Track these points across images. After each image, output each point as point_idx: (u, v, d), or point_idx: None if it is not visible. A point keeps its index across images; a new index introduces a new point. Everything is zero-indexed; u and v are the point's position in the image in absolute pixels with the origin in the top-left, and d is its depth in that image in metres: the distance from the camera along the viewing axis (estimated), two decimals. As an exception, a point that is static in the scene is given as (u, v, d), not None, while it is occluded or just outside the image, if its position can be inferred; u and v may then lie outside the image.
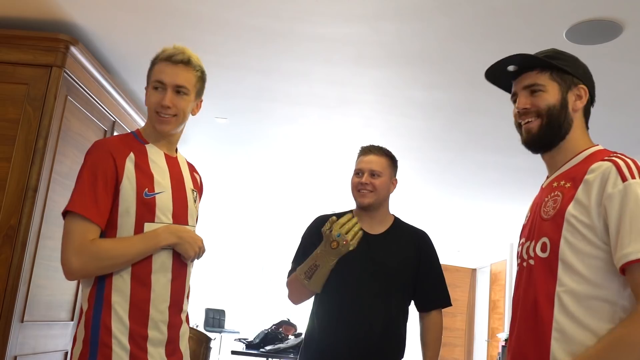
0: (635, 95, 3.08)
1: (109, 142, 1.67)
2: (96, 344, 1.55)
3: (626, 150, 3.91)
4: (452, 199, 6.03)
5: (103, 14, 2.72)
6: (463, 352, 9.69)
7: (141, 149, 1.70)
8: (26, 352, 2.56)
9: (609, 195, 1.26)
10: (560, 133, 1.44)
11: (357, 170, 2.24)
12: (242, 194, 6.86)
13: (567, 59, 1.49)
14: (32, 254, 2.54)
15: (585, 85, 1.47)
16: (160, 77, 1.69)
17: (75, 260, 1.54)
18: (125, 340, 1.56)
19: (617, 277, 1.26)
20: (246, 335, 9.14)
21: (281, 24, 2.69)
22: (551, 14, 2.40)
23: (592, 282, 1.27)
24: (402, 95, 3.39)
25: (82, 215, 1.55)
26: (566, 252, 1.30)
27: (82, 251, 1.54)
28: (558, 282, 1.30)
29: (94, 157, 1.61)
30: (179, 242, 1.64)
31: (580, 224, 1.29)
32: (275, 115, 3.92)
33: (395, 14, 2.52)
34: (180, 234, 1.65)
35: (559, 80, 1.45)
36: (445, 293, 2.23)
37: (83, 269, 1.55)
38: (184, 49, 1.74)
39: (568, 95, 1.45)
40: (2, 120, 2.60)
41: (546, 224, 1.37)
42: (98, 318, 1.56)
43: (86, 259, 1.54)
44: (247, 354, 4.95)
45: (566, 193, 1.35)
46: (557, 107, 1.44)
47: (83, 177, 1.59)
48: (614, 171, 1.28)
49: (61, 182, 2.74)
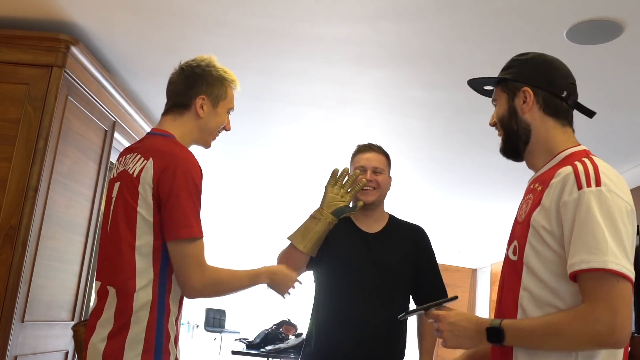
0: (635, 95, 3.08)
1: (192, 155, 1.71)
2: (160, 351, 1.58)
3: (626, 150, 3.91)
4: (453, 198, 6.03)
5: (104, 14, 2.72)
6: (463, 352, 9.67)
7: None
8: (27, 352, 2.57)
9: (565, 202, 1.26)
10: (519, 139, 1.46)
11: (359, 168, 2.24)
12: (242, 194, 6.86)
13: (516, 64, 1.51)
14: (33, 254, 2.54)
15: (531, 85, 1.45)
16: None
17: (197, 282, 1.63)
18: (173, 343, 1.63)
19: (571, 284, 1.26)
20: (246, 335, 9.13)
21: (281, 24, 2.69)
22: (552, 14, 2.40)
23: (551, 288, 1.29)
24: (402, 95, 3.39)
25: (200, 238, 1.63)
26: (530, 257, 1.32)
27: (203, 273, 1.64)
28: (522, 286, 1.33)
29: (199, 177, 1.66)
30: (273, 285, 1.86)
31: (542, 229, 1.30)
32: (275, 115, 3.92)
33: (396, 14, 2.52)
34: (275, 278, 1.86)
35: (507, 90, 1.49)
36: (442, 286, 2.24)
37: (205, 291, 1.67)
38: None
39: (515, 102, 1.47)
40: (3, 120, 2.60)
41: (518, 227, 1.39)
42: (162, 326, 1.60)
43: (206, 282, 1.64)
44: (248, 354, 4.95)
45: (536, 197, 1.36)
46: (506, 116, 1.48)
47: (195, 198, 1.63)
48: (572, 178, 1.27)
49: (62, 182, 2.74)
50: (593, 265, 1.19)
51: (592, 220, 1.22)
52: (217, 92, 1.78)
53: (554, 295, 1.28)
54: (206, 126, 1.79)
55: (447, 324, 1.37)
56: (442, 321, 1.38)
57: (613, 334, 1.18)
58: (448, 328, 1.37)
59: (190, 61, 1.80)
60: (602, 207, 1.23)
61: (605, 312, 1.18)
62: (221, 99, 1.79)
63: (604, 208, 1.23)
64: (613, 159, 4.01)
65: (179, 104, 1.78)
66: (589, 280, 1.21)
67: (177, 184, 1.59)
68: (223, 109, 1.81)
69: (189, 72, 1.78)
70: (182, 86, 1.77)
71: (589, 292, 1.21)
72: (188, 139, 1.79)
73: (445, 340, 1.38)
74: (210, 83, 1.77)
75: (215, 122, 1.80)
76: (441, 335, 1.39)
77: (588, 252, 1.20)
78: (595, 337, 1.19)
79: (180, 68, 1.80)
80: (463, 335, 1.35)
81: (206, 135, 1.82)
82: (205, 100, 1.76)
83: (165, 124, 1.78)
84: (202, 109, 1.76)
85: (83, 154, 2.94)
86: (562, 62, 1.50)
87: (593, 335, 1.19)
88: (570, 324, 1.21)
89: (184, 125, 1.77)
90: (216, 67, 1.80)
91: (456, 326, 1.36)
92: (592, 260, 1.19)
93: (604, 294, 1.19)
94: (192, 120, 1.77)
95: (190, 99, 1.76)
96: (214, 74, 1.78)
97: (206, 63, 1.79)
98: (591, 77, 2.89)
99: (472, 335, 1.34)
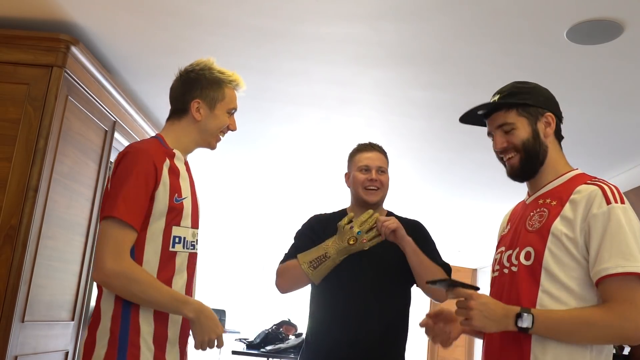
0: (635, 95, 3.08)
1: (150, 149, 1.70)
2: (125, 345, 1.57)
3: (626, 150, 3.90)
4: (453, 198, 6.03)
5: (104, 14, 2.72)
6: (464, 352, 9.68)
7: (172, 155, 1.76)
8: (27, 352, 2.57)
9: (594, 215, 1.42)
10: (538, 161, 1.58)
11: (362, 167, 2.22)
12: (242, 194, 6.86)
13: (528, 91, 1.61)
14: (33, 254, 2.54)
15: (551, 111, 1.59)
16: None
17: (110, 265, 1.56)
18: (150, 340, 1.60)
19: (592, 289, 1.41)
20: (247, 335, 9.12)
21: (281, 24, 2.69)
22: (552, 13, 2.40)
23: (570, 290, 1.42)
24: (402, 95, 3.39)
25: (124, 221, 1.58)
26: (549, 262, 1.44)
27: (118, 259, 1.57)
28: (540, 289, 1.44)
29: (140, 165, 1.64)
30: (196, 323, 1.63)
31: (565, 237, 1.43)
32: (275, 115, 3.92)
33: (396, 14, 2.52)
34: (202, 317, 1.63)
35: (526, 115, 1.58)
36: (447, 270, 2.17)
37: (113, 276, 1.56)
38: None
39: (537, 125, 1.58)
40: (3, 120, 2.60)
41: (531, 235, 1.50)
42: (127, 318, 1.59)
43: (119, 269, 1.56)
44: (248, 354, 4.95)
45: (552, 210, 1.49)
46: (531, 139, 1.58)
47: (129, 182, 1.61)
48: (600, 194, 1.43)
49: (62, 182, 2.74)
50: (629, 270, 1.35)
51: (624, 231, 1.39)
52: (213, 94, 1.80)
53: (574, 296, 1.41)
54: (205, 128, 1.82)
55: (478, 303, 1.42)
56: (475, 299, 1.43)
57: (637, 332, 1.35)
58: (479, 307, 1.42)
59: (187, 66, 1.84)
60: (628, 221, 1.41)
61: (633, 312, 1.34)
62: (218, 101, 1.81)
63: (629, 222, 1.41)
64: (613, 159, 4.01)
65: (177, 109, 1.83)
66: (619, 283, 1.36)
67: (119, 169, 1.65)
68: (221, 111, 1.82)
69: (185, 77, 1.82)
70: (179, 91, 1.82)
71: (616, 293, 1.36)
72: (187, 141, 1.82)
73: (472, 318, 1.42)
74: (205, 86, 1.79)
75: (214, 124, 1.82)
76: (469, 313, 1.43)
77: (623, 258, 1.36)
78: (623, 333, 1.36)
79: (179, 74, 1.84)
80: (491, 317, 1.41)
81: (207, 137, 1.84)
82: (200, 103, 1.79)
83: (164, 129, 1.84)
84: (198, 112, 1.79)
85: (83, 154, 2.94)
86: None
87: (621, 331, 1.35)
88: (602, 317, 1.36)
89: (182, 129, 1.81)
90: (212, 69, 1.81)
91: (487, 306, 1.42)
92: (627, 265, 1.36)
93: (632, 296, 1.35)
94: (190, 124, 1.81)
95: (187, 103, 1.79)
96: (207, 77, 1.80)
97: (201, 67, 1.81)
98: (591, 77, 2.89)
99: (499, 318, 1.41)
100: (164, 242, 1.66)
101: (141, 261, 1.63)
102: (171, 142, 1.79)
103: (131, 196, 1.60)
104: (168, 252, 1.67)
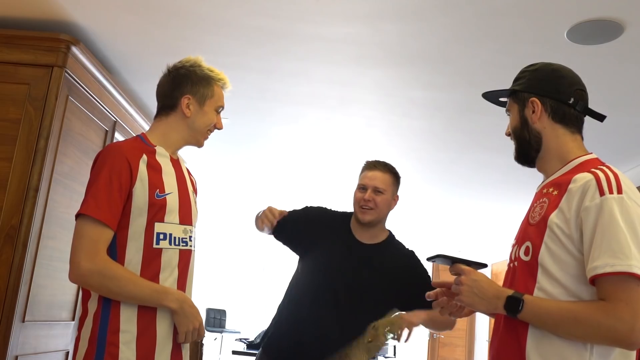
0: (635, 95, 3.08)
1: (123, 146, 1.69)
2: (103, 343, 1.57)
3: (626, 150, 3.91)
4: (454, 199, 6.04)
5: (104, 14, 2.72)
6: (464, 352, 9.68)
7: (151, 151, 1.74)
8: (27, 352, 2.57)
9: (586, 207, 1.31)
10: (531, 148, 1.52)
11: (360, 186, 2.21)
12: (242, 194, 6.87)
13: (525, 75, 1.56)
14: (33, 254, 2.54)
15: (538, 95, 1.51)
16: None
17: (84, 263, 1.56)
18: (133, 340, 1.59)
19: (588, 287, 1.32)
20: (247, 335, 9.14)
21: (281, 24, 2.69)
22: (552, 14, 2.40)
23: (566, 288, 1.33)
24: (403, 95, 3.39)
25: (96, 218, 1.58)
26: (545, 257, 1.36)
27: (93, 257, 1.56)
28: (537, 286, 1.37)
29: (110, 162, 1.63)
30: (179, 313, 1.63)
31: (560, 232, 1.34)
32: (275, 115, 3.92)
33: (396, 14, 2.52)
34: (185, 306, 1.64)
35: (517, 101, 1.55)
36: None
37: (88, 275, 1.56)
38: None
39: (525, 112, 1.53)
40: (4, 120, 2.60)
41: (531, 228, 1.43)
42: (107, 317, 1.59)
43: (94, 268, 1.56)
44: (248, 354, 4.95)
45: (552, 200, 1.40)
46: (519, 126, 1.54)
47: (99, 181, 1.61)
48: (594, 184, 1.32)
49: (62, 182, 2.74)
50: (618, 269, 1.24)
51: (616, 225, 1.27)
52: (203, 91, 1.80)
53: (570, 295, 1.32)
54: (194, 125, 1.81)
55: (469, 279, 1.40)
56: (467, 275, 1.40)
57: (631, 335, 1.23)
58: (470, 283, 1.39)
59: (176, 63, 1.84)
60: (623, 213, 1.28)
61: (627, 313, 1.23)
62: (207, 98, 1.80)
63: (625, 214, 1.28)
64: (613, 159, 4.01)
65: (166, 105, 1.81)
66: (611, 282, 1.26)
67: (92, 169, 1.67)
68: (210, 108, 1.82)
69: (174, 73, 1.81)
70: (168, 87, 1.81)
71: (610, 293, 1.26)
72: (175, 137, 1.81)
73: (461, 293, 1.40)
74: (195, 82, 1.79)
75: (203, 121, 1.81)
76: (459, 289, 1.40)
77: (612, 256, 1.25)
78: (613, 334, 1.24)
79: (167, 70, 1.84)
80: (481, 295, 1.38)
81: (196, 134, 1.83)
82: (191, 99, 1.78)
83: (152, 126, 1.83)
84: (188, 108, 1.78)
85: (84, 154, 2.95)
86: (569, 70, 1.54)
87: (611, 331, 1.24)
88: (592, 314, 1.26)
89: (170, 126, 1.80)
90: (201, 66, 1.81)
91: (478, 284, 1.39)
92: (616, 264, 1.24)
93: (626, 296, 1.24)
94: (179, 120, 1.80)
95: (176, 99, 1.79)
96: (198, 73, 1.80)
97: (191, 64, 1.81)
98: (591, 77, 2.89)
99: (489, 298, 1.38)
100: (147, 239, 1.65)
101: (123, 259, 1.62)
102: (157, 139, 1.79)
103: (101, 193, 1.59)
104: (152, 249, 1.65)
